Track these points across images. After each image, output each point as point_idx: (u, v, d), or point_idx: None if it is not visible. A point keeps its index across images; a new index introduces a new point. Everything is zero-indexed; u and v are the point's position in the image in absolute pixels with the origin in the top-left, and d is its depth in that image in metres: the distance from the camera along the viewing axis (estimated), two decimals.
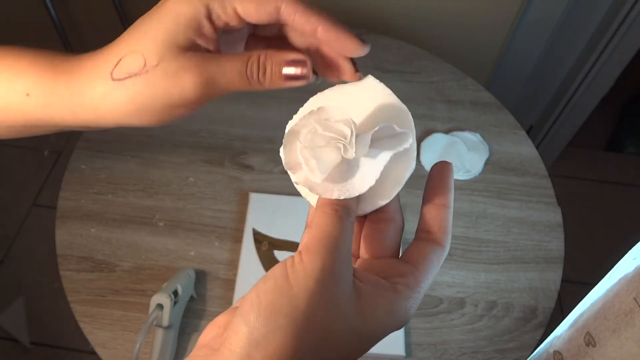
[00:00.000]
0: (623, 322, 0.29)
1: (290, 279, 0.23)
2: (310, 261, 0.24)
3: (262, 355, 0.22)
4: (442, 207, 0.29)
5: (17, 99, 0.30)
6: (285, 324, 0.22)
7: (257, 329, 0.22)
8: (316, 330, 0.23)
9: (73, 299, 0.73)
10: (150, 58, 0.28)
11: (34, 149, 1.70)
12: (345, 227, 0.26)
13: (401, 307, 0.26)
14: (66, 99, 0.29)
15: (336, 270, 0.24)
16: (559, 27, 1.21)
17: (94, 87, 0.28)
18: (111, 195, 0.83)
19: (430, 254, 0.28)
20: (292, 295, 0.23)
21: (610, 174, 1.75)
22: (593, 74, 1.30)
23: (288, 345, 0.22)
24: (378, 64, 1.02)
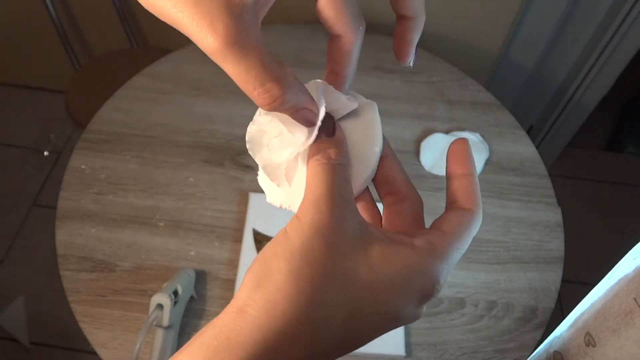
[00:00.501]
0: (623, 322, 0.29)
1: (287, 232, 0.24)
2: (304, 214, 0.24)
3: (262, 294, 0.22)
4: (464, 175, 0.28)
5: None
6: (283, 266, 0.22)
7: (257, 273, 0.23)
8: (316, 270, 0.22)
9: (73, 299, 0.73)
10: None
11: (34, 149, 1.70)
12: (336, 172, 0.25)
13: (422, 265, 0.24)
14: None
15: (333, 215, 0.23)
16: (559, 27, 1.21)
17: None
18: (111, 195, 0.83)
19: (458, 217, 0.27)
20: (289, 242, 0.23)
21: (610, 174, 1.75)
22: (593, 74, 1.30)
23: (287, 283, 0.22)
24: (378, 64, 1.02)
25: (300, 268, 0.22)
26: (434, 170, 0.87)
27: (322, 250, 0.23)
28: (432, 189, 0.86)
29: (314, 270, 0.22)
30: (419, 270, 0.24)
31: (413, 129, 0.93)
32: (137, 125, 0.91)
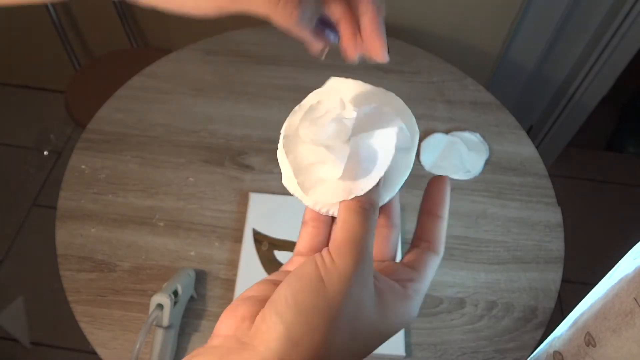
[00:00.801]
0: (623, 322, 0.29)
1: (325, 281, 0.24)
2: (342, 263, 0.24)
3: (299, 353, 0.23)
4: (439, 218, 0.31)
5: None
6: (321, 325, 0.23)
7: (294, 329, 0.23)
8: (346, 329, 0.24)
9: (73, 299, 0.73)
10: None
11: (34, 149, 1.70)
12: (371, 225, 0.26)
13: (411, 310, 0.28)
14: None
15: (365, 271, 0.25)
16: (559, 27, 1.21)
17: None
18: (111, 195, 0.83)
19: (430, 262, 0.30)
20: (328, 297, 0.24)
21: (610, 174, 1.75)
22: (593, 74, 1.30)
23: (322, 344, 0.23)
24: (378, 64, 1.02)
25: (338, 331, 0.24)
26: (434, 170, 0.87)
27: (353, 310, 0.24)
28: None
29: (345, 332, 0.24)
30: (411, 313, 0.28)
31: None
32: (137, 125, 0.91)
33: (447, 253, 0.79)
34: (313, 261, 0.25)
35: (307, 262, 0.25)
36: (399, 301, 0.27)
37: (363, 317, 0.25)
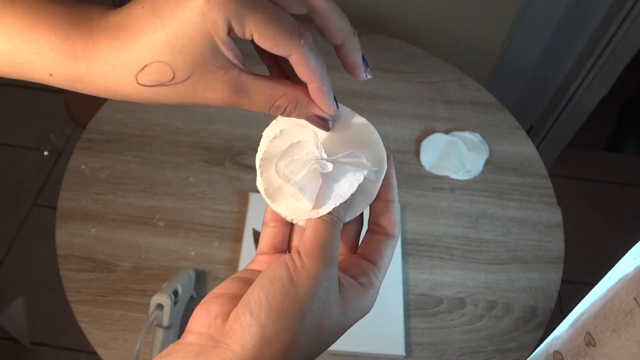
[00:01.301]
0: (623, 322, 0.29)
1: (295, 283, 0.26)
2: (312, 266, 0.27)
3: (273, 352, 0.25)
4: (390, 202, 0.33)
5: (40, 77, 0.29)
6: (292, 325, 0.26)
7: (268, 328, 0.25)
8: (314, 327, 0.27)
9: (73, 299, 0.73)
10: (179, 73, 0.28)
11: (34, 149, 1.70)
12: (336, 234, 0.29)
13: (368, 303, 0.30)
14: (90, 84, 0.29)
15: (331, 273, 0.28)
16: (559, 27, 1.21)
17: (117, 80, 0.28)
18: (111, 195, 0.83)
19: (385, 248, 0.32)
20: (299, 298, 0.26)
21: (610, 174, 1.75)
22: (593, 74, 1.30)
23: (292, 342, 0.26)
24: (378, 64, 1.02)
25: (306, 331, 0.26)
26: (434, 170, 0.87)
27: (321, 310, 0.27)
28: (432, 189, 0.86)
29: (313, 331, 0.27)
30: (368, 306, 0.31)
31: (413, 129, 0.93)
32: (137, 125, 0.91)
33: (447, 253, 0.79)
34: (284, 264, 0.27)
35: (278, 264, 0.27)
36: (357, 297, 0.29)
37: (329, 315, 0.27)
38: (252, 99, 0.30)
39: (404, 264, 0.78)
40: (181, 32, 0.27)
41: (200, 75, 0.28)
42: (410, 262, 0.78)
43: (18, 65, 0.28)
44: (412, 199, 0.84)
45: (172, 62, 0.27)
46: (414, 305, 0.75)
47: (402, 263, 0.77)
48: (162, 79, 0.28)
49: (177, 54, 0.27)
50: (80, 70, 0.28)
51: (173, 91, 0.29)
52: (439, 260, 0.79)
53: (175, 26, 0.26)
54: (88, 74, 0.28)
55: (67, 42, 0.28)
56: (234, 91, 0.29)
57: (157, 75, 0.28)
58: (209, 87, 0.29)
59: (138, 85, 0.28)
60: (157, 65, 0.27)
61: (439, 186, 0.86)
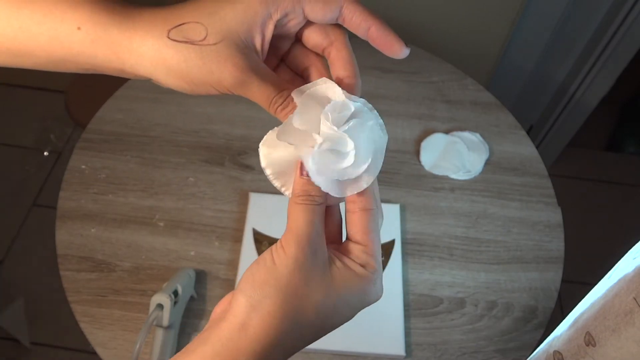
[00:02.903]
0: (623, 322, 0.29)
1: (275, 261, 0.30)
2: (287, 246, 0.30)
3: (258, 316, 0.28)
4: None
5: (67, 31, 0.30)
6: (273, 293, 0.29)
7: (252, 297, 0.29)
8: (297, 297, 0.29)
9: (73, 299, 0.73)
10: (212, 35, 0.30)
11: (34, 149, 1.70)
12: (314, 213, 0.31)
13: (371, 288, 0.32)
14: (115, 40, 0.30)
15: (309, 252, 0.30)
16: (559, 27, 1.21)
17: (146, 37, 0.29)
18: (111, 195, 0.83)
19: (366, 224, 0.32)
20: (277, 272, 0.29)
21: (610, 174, 1.75)
22: (593, 74, 1.30)
23: (277, 308, 0.29)
24: (378, 63, 1.02)
25: (286, 299, 0.29)
26: (434, 170, 0.87)
27: (302, 283, 0.29)
28: (432, 189, 0.86)
29: (296, 299, 0.29)
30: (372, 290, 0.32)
31: (413, 129, 0.93)
32: (137, 125, 0.91)
33: (447, 253, 0.79)
34: (270, 250, 0.31)
35: (266, 251, 0.31)
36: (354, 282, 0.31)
37: (314, 288, 0.30)
38: (263, 83, 0.31)
39: (404, 264, 0.78)
40: (228, 6, 0.30)
41: (227, 44, 0.30)
42: (410, 262, 0.78)
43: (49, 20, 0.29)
44: (412, 199, 0.84)
45: (208, 25, 0.30)
46: (414, 305, 0.75)
47: (402, 263, 0.77)
48: (193, 36, 0.29)
49: (216, 20, 0.30)
50: (111, 22, 0.29)
51: (198, 54, 0.29)
52: (439, 260, 0.79)
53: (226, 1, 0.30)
54: (118, 27, 0.29)
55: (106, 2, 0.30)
56: (249, 69, 0.30)
57: (190, 32, 0.29)
58: (230, 60, 0.30)
59: (166, 39, 0.29)
60: (193, 24, 0.29)
61: (439, 186, 0.86)
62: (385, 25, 0.32)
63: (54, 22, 0.29)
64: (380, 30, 0.32)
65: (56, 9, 0.29)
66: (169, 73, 0.30)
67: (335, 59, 0.33)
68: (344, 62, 0.33)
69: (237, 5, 0.30)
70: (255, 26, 0.30)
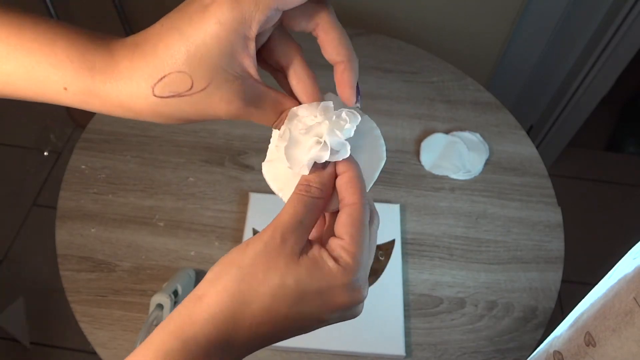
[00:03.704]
0: (623, 322, 0.29)
1: (248, 245, 0.30)
2: (264, 233, 0.30)
3: (214, 290, 0.29)
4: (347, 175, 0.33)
5: (55, 91, 0.30)
6: (233, 271, 0.30)
7: (215, 273, 0.30)
8: (254, 278, 0.29)
9: (73, 299, 0.73)
10: (197, 82, 0.28)
11: (34, 149, 1.70)
12: (303, 205, 0.31)
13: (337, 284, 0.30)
14: (104, 99, 0.30)
15: (280, 240, 0.30)
16: (559, 27, 1.21)
17: (132, 95, 0.29)
18: (111, 195, 0.83)
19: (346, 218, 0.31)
20: (244, 255, 0.30)
21: (610, 174, 1.75)
22: (593, 74, 1.30)
23: (232, 284, 0.29)
24: (378, 64, 1.02)
25: (244, 278, 0.29)
26: (434, 170, 0.87)
27: (263, 265, 0.29)
28: (432, 189, 0.86)
29: (252, 279, 0.29)
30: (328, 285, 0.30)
31: (413, 129, 0.93)
32: (137, 125, 0.91)
33: (447, 253, 0.79)
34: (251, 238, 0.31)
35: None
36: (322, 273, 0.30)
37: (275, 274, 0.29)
38: (263, 110, 0.31)
39: (404, 264, 0.78)
40: (199, 41, 0.27)
41: (217, 85, 0.29)
42: (410, 262, 0.78)
43: (34, 79, 0.30)
44: (412, 199, 0.84)
45: (191, 72, 0.28)
46: (414, 305, 0.75)
47: (402, 263, 0.77)
48: (179, 88, 0.28)
49: (196, 63, 0.28)
50: (95, 84, 0.29)
51: (188, 102, 0.29)
52: (439, 260, 0.79)
53: (194, 37, 0.27)
54: (103, 88, 0.29)
55: (86, 56, 0.29)
56: (248, 103, 0.30)
57: (174, 85, 0.28)
58: (224, 99, 0.29)
59: (154, 97, 0.29)
60: (175, 75, 0.28)
61: (439, 186, 0.86)
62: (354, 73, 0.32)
63: (39, 80, 0.30)
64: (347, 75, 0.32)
65: (39, 67, 0.29)
66: (166, 120, 0.31)
67: (324, 42, 0.31)
68: (334, 44, 0.31)
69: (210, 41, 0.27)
70: (238, 55, 0.28)
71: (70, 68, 0.29)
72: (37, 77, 0.29)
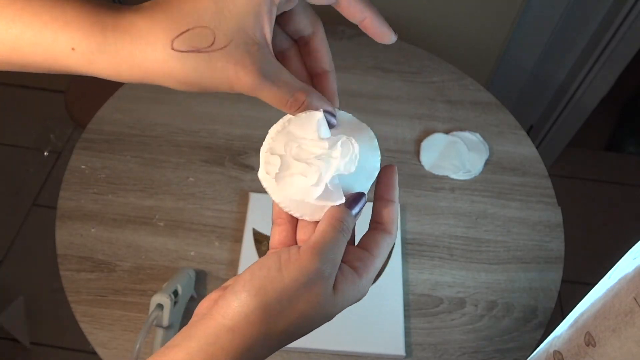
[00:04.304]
0: (623, 322, 0.29)
1: (282, 271, 0.29)
2: (307, 259, 0.29)
3: (250, 324, 0.28)
4: (391, 202, 0.34)
5: (62, 52, 0.28)
6: (271, 305, 0.28)
7: (247, 304, 0.28)
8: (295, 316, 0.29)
9: (73, 299, 0.73)
10: (219, 39, 0.27)
11: (34, 149, 1.70)
12: (342, 240, 0.31)
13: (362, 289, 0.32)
14: (113, 58, 0.28)
15: (327, 273, 0.29)
16: (559, 27, 1.21)
17: (147, 51, 0.27)
18: (111, 195, 0.83)
19: (381, 241, 0.33)
20: (283, 284, 0.28)
21: (610, 174, 1.75)
22: (593, 74, 1.30)
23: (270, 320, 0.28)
24: (378, 63, 1.02)
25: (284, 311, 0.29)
26: (434, 170, 0.87)
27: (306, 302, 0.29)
28: (432, 189, 0.86)
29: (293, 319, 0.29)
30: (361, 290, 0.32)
31: (413, 129, 0.93)
32: (137, 125, 0.91)
33: (447, 253, 0.79)
34: (277, 254, 0.30)
35: (273, 254, 0.30)
36: (351, 285, 0.31)
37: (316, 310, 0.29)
38: (276, 87, 0.30)
39: (404, 264, 0.78)
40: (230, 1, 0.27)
41: (237, 45, 0.28)
42: (410, 262, 0.78)
43: (41, 43, 0.28)
44: (412, 199, 0.84)
45: (215, 28, 0.27)
46: (414, 305, 0.75)
47: (402, 263, 0.77)
48: (200, 44, 0.27)
49: (222, 20, 0.27)
50: (107, 41, 0.27)
51: (206, 61, 0.28)
52: (439, 260, 0.79)
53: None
54: (115, 45, 0.27)
55: (99, 15, 0.27)
56: (262, 74, 0.29)
57: (196, 39, 0.27)
58: (240, 62, 0.28)
59: (171, 52, 0.27)
60: (199, 30, 0.27)
61: (439, 186, 0.86)
62: (380, 17, 0.32)
63: (46, 42, 0.28)
64: (375, 22, 0.32)
65: (47, 28, 0.27)
66: (177, 83, 0.29)
67: (317, 50, 0.34)
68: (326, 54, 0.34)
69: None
70: (262, 17, 0.28)
71: (79, 27, 0.27)
72: (45, 40, 0.27)
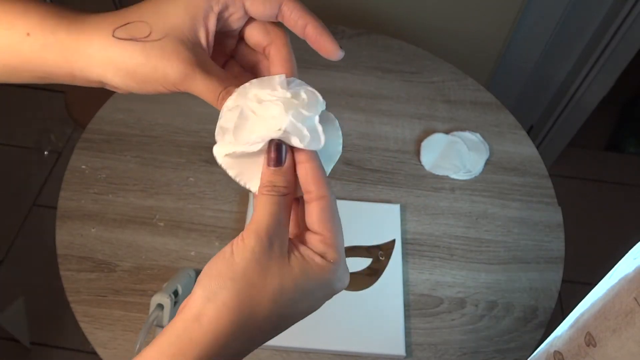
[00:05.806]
0: (623, 322, 0.29)
1: (234, 254, 0.30)
2: (248, 239, 0.30)
3: (213, 307, 0.29)
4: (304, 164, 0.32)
5: (17, 38, 0.31)
6: (228, 284, 0.29)
7: (208, 288, 0.29)
8: (253, 287, 0.29)
9: (73, 299, 0.73)
10: (155, 32, 0.31)
11: (34, 149, 1.70)
12: (277, 205, 0.31)
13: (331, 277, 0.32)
14: (63, 43, 0.31)
15: (268, 244, 0.30)
16: (559, 27, 1.21)
17: (92, 37, 0.31)
18: (111, 195, 0.83)
19: (321, 213, 0.32)
20: (234, 264, 0.29)
21: (610, 174, 1.75)
22: (593, 74, 1.30)
23: (231, 298, 0.29)
24: (378, 64, 1.02)
25: (242, 289, 0.29)
26: (434, 170, 0.87)
27: (258, 273, 0.29)
28: (432, 189, 0.86)
29: (252, 289, 0.29)
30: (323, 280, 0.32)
31: (413, 129, 0.93)
32: (137, 125, 0.91)
33: (447, 253, 0.79)
34: (230, 243, 0.31)
35: (228, 244, 0.31)
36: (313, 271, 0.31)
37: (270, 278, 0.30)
38: (208, 78, 0.32)
39: (404, 264, 0.78)
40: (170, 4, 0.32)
41: (171, 40, 0.31)
42: (411, 262, 0.78)
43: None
44: (412, 199, 0.84)
45: (152, 23, 0.31)
46: (414, 305, 0.75)
47: (402, 263, 0.77)
48: (137, 34, 0.31)
49: (159, 18, 0.31)
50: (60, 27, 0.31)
51: (142, 49, 0.31)
52: (439, 260, 0.79)
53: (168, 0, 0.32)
54: (66, 30, 0.31)
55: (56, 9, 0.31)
56: (196, 64, 0.31)
57: (134, 30, 0.31)
58: (174, 52, 0.31)
59: (112, 38, 0.31)
60: (137, 23, 0.31)
61: (439, 186, 0.86)
62: (321, 25, 0.33)
63: (3, 29, 0.31)
64: (316, 29, 0.33)
65: (5, 16, 0.31)
66: (116, 72, 0.31)
67: (274, 57, 0.34)
68: (283, 60, 0.34)
69: (179, 2, 0.31)
70: (198, 20, 0.32)
71: (36, 15, 0.31)
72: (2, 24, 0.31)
